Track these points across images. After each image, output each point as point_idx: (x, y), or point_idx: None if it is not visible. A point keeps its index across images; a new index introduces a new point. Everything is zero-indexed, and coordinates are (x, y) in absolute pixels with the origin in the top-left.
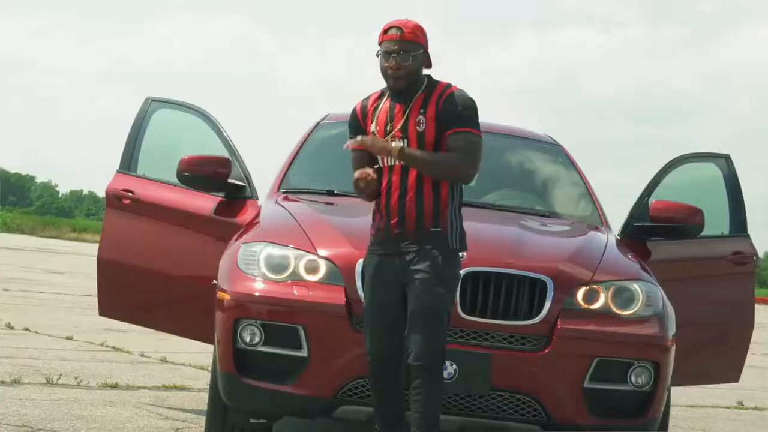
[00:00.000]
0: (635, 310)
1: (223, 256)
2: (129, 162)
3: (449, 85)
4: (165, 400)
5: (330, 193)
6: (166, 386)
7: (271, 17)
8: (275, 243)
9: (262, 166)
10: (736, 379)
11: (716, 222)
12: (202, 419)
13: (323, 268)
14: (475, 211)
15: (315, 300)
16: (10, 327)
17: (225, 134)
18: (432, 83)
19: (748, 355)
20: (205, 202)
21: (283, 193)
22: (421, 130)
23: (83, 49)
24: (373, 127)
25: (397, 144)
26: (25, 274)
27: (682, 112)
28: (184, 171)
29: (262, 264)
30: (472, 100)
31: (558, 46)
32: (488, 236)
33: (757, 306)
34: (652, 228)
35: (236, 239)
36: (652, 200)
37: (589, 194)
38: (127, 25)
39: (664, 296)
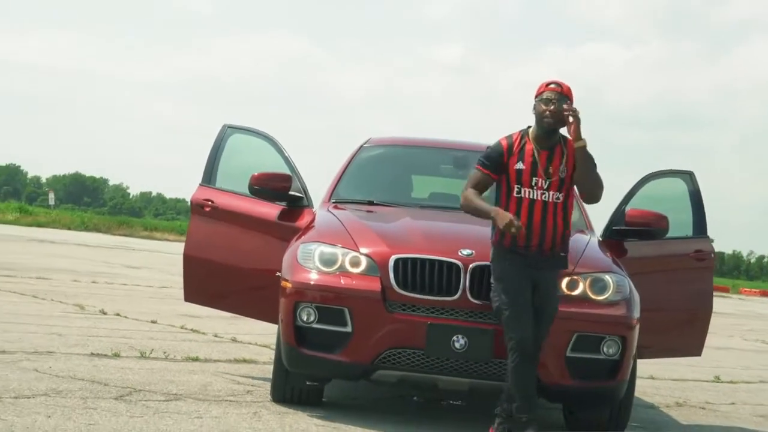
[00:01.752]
0: (607, 296)
1: (286, 253)
2: (209, 176)
3: None
4: (237, 370)
5: (370, 203)
6: (237, 360)
7: (323, 34)
8: (327, 243)
9: (313, 171)
10: (699, 354)
11: (685, 225)
12: (268, 384)
13: (364, 262)
14: None
15: (357, 288)
16: (103, 312)
17: (287, 154)
18: (563, 137)
19: (738, 338)
20: (270, 210)
21: (333, 203)
22: (563, 176)
23: (149, 62)
24: (519, 165)
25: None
26: (107, 268)
27: (697, 120)
28: (254, 185)
29: (317, 259)
30: (592, 155)
31: (584, 61)
32: None
33: (757, 298)
34: (628, 231)
35: (296, 239)
36: (628, 208)
37: (576, 202)
38: (190, 40)
39: (631, 285)
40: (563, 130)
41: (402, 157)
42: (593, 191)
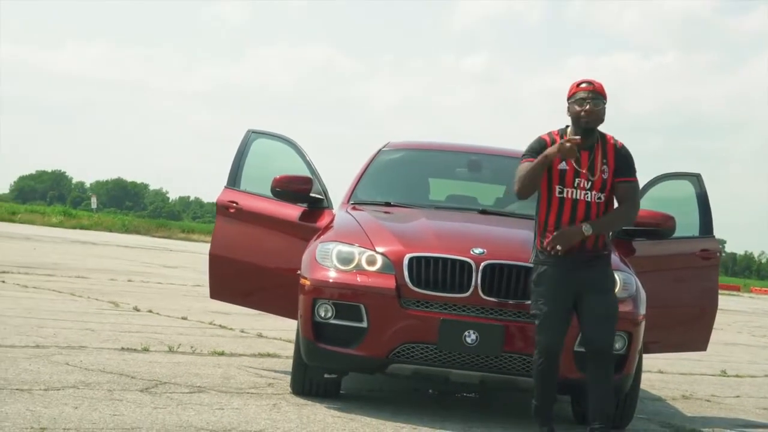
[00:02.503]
0: None
1: (305, 252)
2: (234, 179)
3: (614, 139)
4: (261, 363)
5: (387, 204)
6: (261, 354)
7: (354, 45)
8: (344, 242)
9: (342, 175)
10: (704, 348)
11: (692, 226)
12: (289, 377)
13: (379, 261)
14: (498, 218)
15: (373, 285)
16: (136, 309)
17: (308, 158)
18: (601, 134)
19: (746, 335)
20: (292, 211)
21: (352, 204)
22: (606, 177)
23: (189, 72)
24: (562, 165)
25: (587, 229)
26: (145, 268)
27: (712, 127)
28: (275, 187)
29: (334, 258)
30: (630, 153)
31: (605, 70)
32: (505, 237)
33: (766, 297)
34: (636, 231)
35: (315, 239)
36: None
37: None
38: (227, 51)
39: (638, 283)
40: (601, 128)
41: (419, 161)
42: (624, 226)
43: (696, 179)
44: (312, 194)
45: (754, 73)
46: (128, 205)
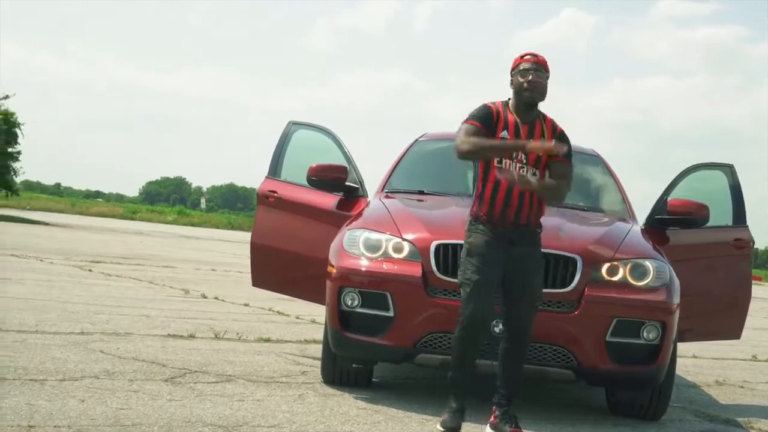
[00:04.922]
0: (647, 281)
1: (334, 240)
2: (275, 169)
3: (554, 121)
4: (303, 351)
5: (420, 192)
6: (307, 340)
7: (426, 69)
8: (372, 229)
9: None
10: (738, 337)
11: (725, 216)
12: None
13: (406, 248)
14: None
15: (399, 273)
16: (203, 296)
17: (345, 148)
18: (542, 114)
19: None
20: (328, 200)
21: (386, 192)
22: (540, 154)
23: (286, 95)
24: (504, 134)
25: (535, 180)
26: (233, 259)
27: (737, 139)
28: (311, 176)
29: (361, 245)
30: (569, 140)
31: (642, 90)
32: None
33: None
34: (670, 220)
35: (345, 227)
36: (669, 198)
37: (620, 193)
38: (316, 75)
39: (672, 271)
40: (541, 107)
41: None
42: (555, 199)
43: (729, 170)
44: (348, 183)
45: None
46: (239, 207)
